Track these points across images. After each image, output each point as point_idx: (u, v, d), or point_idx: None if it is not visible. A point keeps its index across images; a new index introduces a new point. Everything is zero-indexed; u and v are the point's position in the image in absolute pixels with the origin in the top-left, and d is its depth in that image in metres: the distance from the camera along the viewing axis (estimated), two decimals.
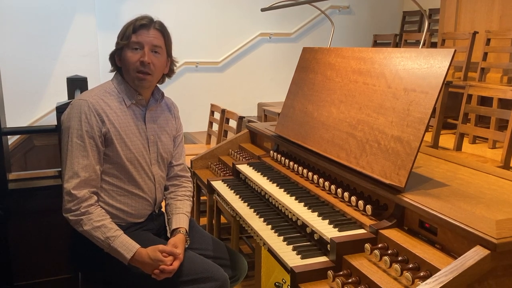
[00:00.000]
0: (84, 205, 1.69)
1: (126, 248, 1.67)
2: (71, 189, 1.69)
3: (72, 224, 1.72)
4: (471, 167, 1.86)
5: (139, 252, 1.68)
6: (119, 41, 1.81)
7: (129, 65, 1.79)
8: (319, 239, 1.59)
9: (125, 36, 1.79)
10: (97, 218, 1.69)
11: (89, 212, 1.69)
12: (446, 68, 1.54)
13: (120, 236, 1.69)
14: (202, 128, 5.43)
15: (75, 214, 1.69)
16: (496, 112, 3.19)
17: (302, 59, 2.48)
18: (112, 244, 1.67)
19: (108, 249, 1.69)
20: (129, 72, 1.81)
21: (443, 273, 1.15)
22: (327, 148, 1.99)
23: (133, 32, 1.79)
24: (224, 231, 3.26)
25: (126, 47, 1.79)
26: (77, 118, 1.73)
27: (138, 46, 1.79)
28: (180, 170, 2.05)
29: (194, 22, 5.97)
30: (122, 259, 1.68)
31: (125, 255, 1.67)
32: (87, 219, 1.68)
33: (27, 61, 5.06)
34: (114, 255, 1.70)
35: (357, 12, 6.85)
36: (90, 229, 1.68)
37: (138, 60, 1.78)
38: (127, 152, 1.81)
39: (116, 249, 1.67)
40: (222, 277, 1.79)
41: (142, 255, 1.67)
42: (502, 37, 4.21)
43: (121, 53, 1.82)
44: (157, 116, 1.95)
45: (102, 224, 1.69)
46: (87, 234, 1.69)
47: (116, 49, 1.83)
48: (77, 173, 1.71)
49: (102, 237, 1.67)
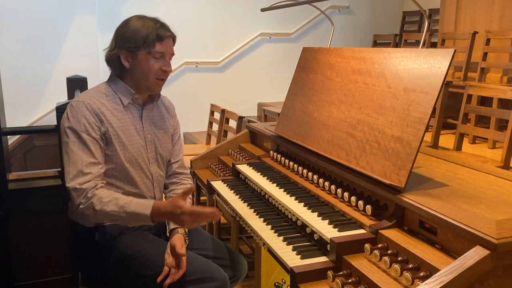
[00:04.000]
0: (90, 191, 1.68)
1: (142, 206, 1.65)
2: (76, 185, 1.68)
3: (84, 218, 1.70)
4: (471, 167, 1.86)
5: (156, 205, 1.65)
6: (139, 45, 1.76)
7: (149, 71, 1.80)
8: (319, 239, 1.59)
9: (148, 42, 1.76)
10: (105, 195, 1.68)
11: (95, 194, 1.67)
12: (446, 68, 1.54)
13: (133, 200, 1.68)
14: (202, 128, 5.43)
15: (84, 202, 1.67)
16: (496, 112, 3.19)
17: (302, 59, 2.48)
18: (128, 209, 1.64)
19: (126, 217, 1.65)
20: (148, 78, 1.81)
21: (443, 273, 1.15)
22: (327, 148, 1.99)
23: (158, 40, 1.78)
24: (224, 231, 3.26)
25: (147, 53, 1.78)
26: (76, 119, 1.74)
27: (161, 55, 1.80)
28: (178, 167, 2.05)
29: (194, 22, 5.98)
30: (144, 218, 1.65)
31: (145, 212, 1.63)
32: (96, 199, 1.66)
33: (27, 61, 5.06)
34: (134, 222, 1.69)
35: (357, 12, 6.85)
36: (102, 207, 1.65)
37: (160, 68, 1.81)
38: (125, 152, 1.81)
39: (134, 212, 1.64)
40: (222, 277, 1.79)
41: (160, 207, 1.64)
42: (502, 37, 4.21)
43: (134, 56, 1.78)
44: (154, 115, 1.95)
45: (112, 197, 1.68)
46: (102, 214, 1.66)
47: (126, 50, 1.78)
48: (81, 171, 1.70)
49: (116, 208, 1.65)
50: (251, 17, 6.18)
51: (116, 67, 1.84)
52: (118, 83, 1.85)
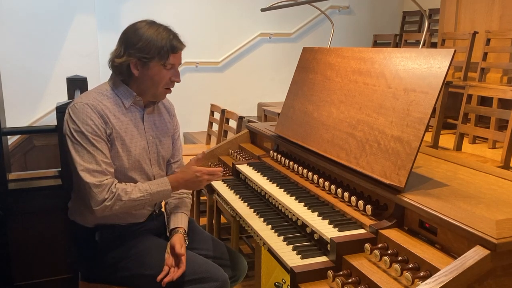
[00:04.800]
0: (113, 186, 1.72)
1: (161, 184, 1.81)
2: (96, 182, 1.69)
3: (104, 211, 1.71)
4: (471, 167, 1.86)
5: (173, 178, 1.84)
6: (154, 55, 1.75)
7: (160, 81, 1.81)
8: (319, 239, 1.59)
9: (162, 53, 1.76)
10: (124, 186, 1.75)
11: (118, 187, 1.73)
12: (446, 68, 1.54)
13: (151, 182, 1.82)
14: (202, 128, 5.43)
15: (110, 198, 1.70)
16: (496, 112, 3.19)
17: (302, 59, 2.48)
18: (151, 191, 1.78)
19: (151, 198, 1.79)
20: (157, 88, 1.83)
21: (443, 273, 1.15)
22: (327, 148, 1.99)
23: (172, 52, 1.79)
24: (224, 231, 3.26)
25: (161, 65, 1.78)
26: (82, 121, 1.72)
27: (172, 66, 1.83)
28: (177, 167, 2.04)
29: (194, 22, 5.97)
30: (167, 193, 1.82)
31: (166, 188, 1.81)
32: (121, 191, 1.73)
33: (27, 61, 5.06)
34: (159, 199, 1.86)
35: (357, 12, 6.85)
36: (129, 196, 1.74)
37: (170, 78, 1.84)
38: (128, 154, 1.81)
39: (157, 191, 1.79)
40: (222, 277, 1.79)
41: (178, 179, 1.84)
42: (502, 37, 4.22)
43: (146, 66, 1.77)
44: (155, 116, 1.95)
45: (132, 186, 1.77)
46: (130, 202, 1.75)
47: (137, 58, 1.76)
48: (95, 169, 1.70)
49: (140, 193, 1.76)
50: (251, 17, 6.18)
51: (123, 74, 1.81)
52: (119, 84, 1.83)
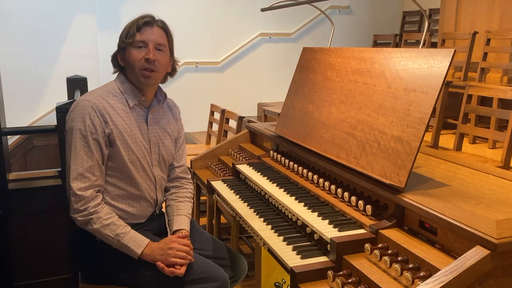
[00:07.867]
0: (92, 204, 1.71)
1: (136, 243, 1.71)
2: (76, 191, 1.70)
3: (79, 224, 1.73)
4: (471, 167, 1.86)
5: (150, 246, 1.72)
6: (123, 39, 1.80)
7: (134, 63, 1.79)
8: (319, 239, 1.59)
9: (129, 34, 1.78)
10: (105, 216, 1.72)
11: (97, 211, 1.71)
12: (446, 68, 1.54)
13: (129, 232, 1.73)
14: (202, 128, 5.43)
15: (83, 214, 1.70)
16: (496, 112, 3.19)
17: (302, 59, 2.48)
18: (122, 240, 1.70)
19: (118, 246, 1.71)
20: (134, 70, 1.80)
21: (443, 273, 1.15)
22: (327, 148, 1.99)
23: (137, 31, 1.78)
24: (224, 231, 3.25)
25: (130, 45, 1.79)
26: (81, 119, 1.73)
27: (143, 45, 1.79)
28: (181, 172, 2.05)
29: (194, 22, 5.97)
30: (133, 254, 1.71)
31: (136, 250, 1.70)
32: (96, 218, 1.70)
33: (27, 61, 5.06)
34: (124, 251, 1.72)
35: (357, 12, 6.85)
36: (99, 227, 1.70)
37: (143, 57, 1.78)
38: (129, 154, 1.81)
39: (126, 245, 1.71)
40: (222, 277, 1.79)
41: (153, 248, 1.72)
42: (502, 37, 4.22)
43: (125, 53, 1.81)
44: (159, 117, 1.94)
45: (111, 221, 1.72)
46: (96, 232, 1.71)
47: (119, 49, 1.82)
48: (82, 174, 1.71)
49: (112, 234, 1.70)
50: (251, 17, 6.18)
51: (117, 67, 1.87)
52: (125, 83, 1.85)
